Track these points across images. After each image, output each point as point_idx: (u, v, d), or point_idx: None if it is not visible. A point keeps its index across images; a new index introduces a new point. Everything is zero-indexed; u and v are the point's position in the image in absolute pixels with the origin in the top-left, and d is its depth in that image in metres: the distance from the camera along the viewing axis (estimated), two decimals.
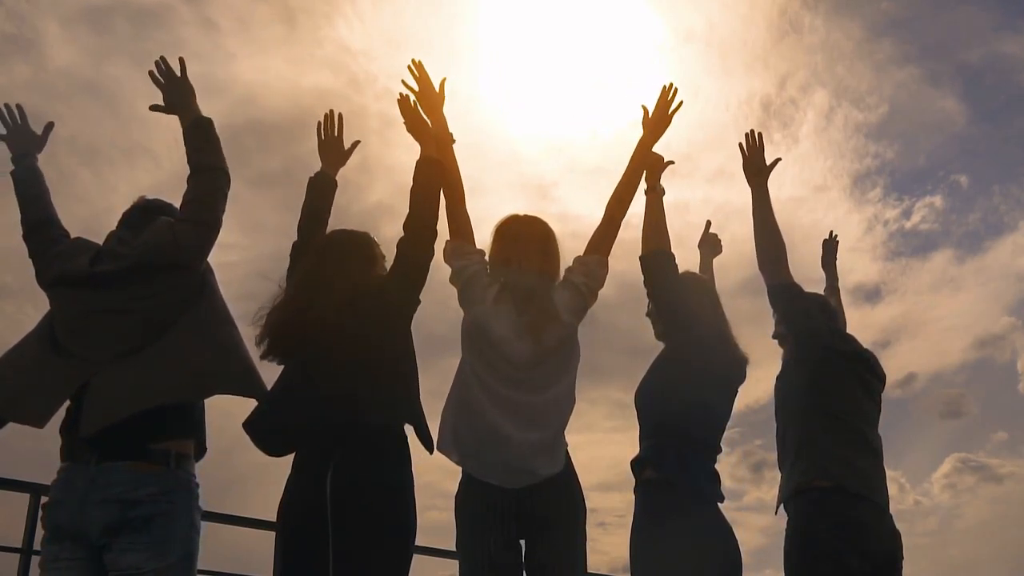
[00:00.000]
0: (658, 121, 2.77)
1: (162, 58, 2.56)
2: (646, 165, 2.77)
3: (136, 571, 2.08)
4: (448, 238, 2.56)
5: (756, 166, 3.09)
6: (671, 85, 2.80)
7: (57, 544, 2.13)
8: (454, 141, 2.63)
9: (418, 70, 2.66)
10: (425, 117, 2.64)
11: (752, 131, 3.12)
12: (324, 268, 2.41)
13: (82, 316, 2.28)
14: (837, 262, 3.85)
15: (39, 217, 2.50)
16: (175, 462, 2.20)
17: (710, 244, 3.65)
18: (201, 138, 2.48)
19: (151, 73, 2.57)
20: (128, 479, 2.12)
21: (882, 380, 3.10)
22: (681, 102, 2.79)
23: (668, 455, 2.65)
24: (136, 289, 2.28)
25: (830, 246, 3.87)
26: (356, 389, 2.26)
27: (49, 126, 2.70)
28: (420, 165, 2.53)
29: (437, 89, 2.67)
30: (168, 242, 2.33)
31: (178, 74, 2.56)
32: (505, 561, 2.31)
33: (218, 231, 2.43)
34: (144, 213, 2.49)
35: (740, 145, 3.14)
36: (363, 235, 2.53)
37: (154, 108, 2.58)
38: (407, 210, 2.44)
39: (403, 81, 2.66)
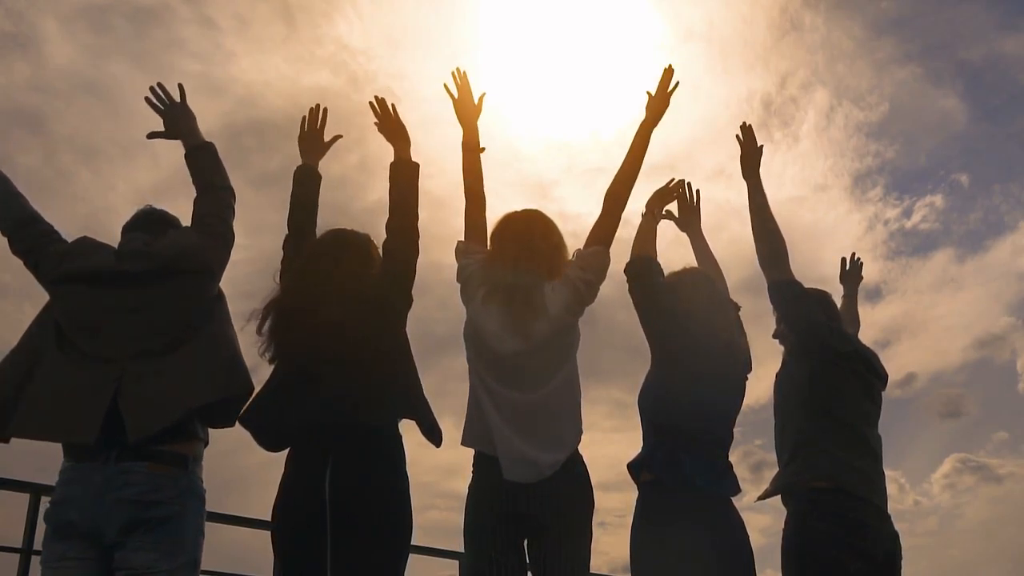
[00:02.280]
0: (660, 102, 2.78)
1: (159, 84, 2.59)
2: (644, 152, 2.75)
3: (148, 571, 2.09)
4: (464, 238, 2.63)
5: (754, 159, 3.09)
6: (671, 67, 2.82)
7: (64, 542, 2.12)
8: (483, 150, 2.71)
9: (461, 79, 2.76)
10: (403, 121, 2.68)
11: (746, 123, 3.13)
12: (323, 266, 2.42)
13: (102, 313, 2.29)
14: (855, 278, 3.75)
15: (23, 215, 2.46)
16: (191, 465, 2.22)
17: (685, 216, 3.32)
18: (207, 162, 2.55)
19: (148, 100, 2.59)
20: (147, 480, 2.13)
21: (883, 379, 3.09)
22: (678, 82, 2.81)
23: (660, 456, 2.65)
24: (163, 289, 2.31)
25: (855, 269, 3.76)
26: (354, 388, 2.27)
27: None
28: (395, 167, 2.59)
29: (476, 101, 2.76)
30: (194, 247, 2.38)
31: (177, 100, 2.59)
32: (507, 562, 2.31)
33: (233, 243, 2.50)
34: (155, 220, 2.51)
35: (737, 136, 3.14)
36: (364, 236, 2.55)
37: (153, 135, 2.61)
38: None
39: (444, 85, 2.75)
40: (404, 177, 2.56)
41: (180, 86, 2.60)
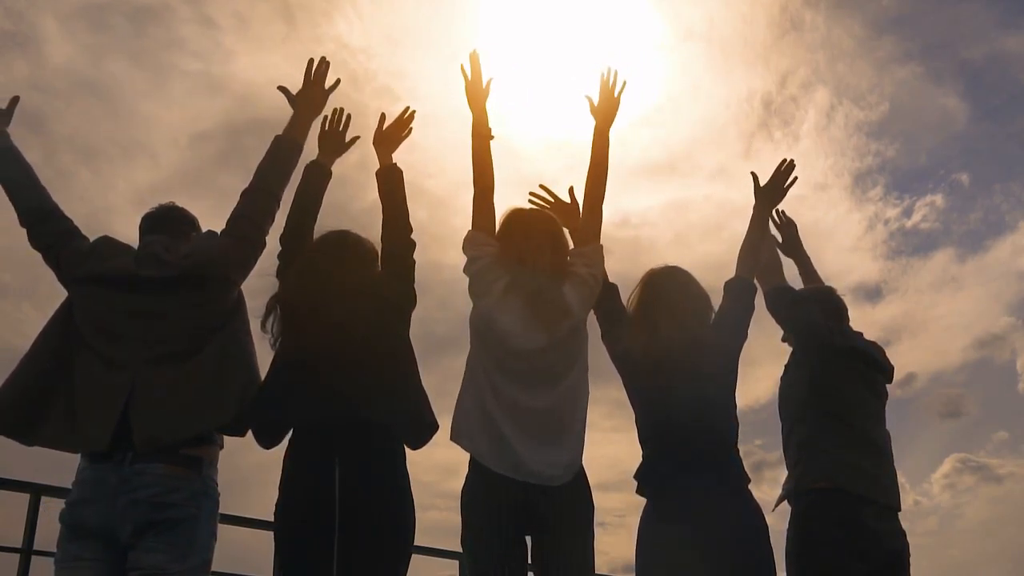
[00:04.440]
0: (607, 106, 2.79)
1: (327, 63, 2.66)
2: (607, 151, 2.76)
3: (160, 571, 2.09)
4: (470, 228, 2.58)
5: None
6: (609, 70, 2.83)
7: (78, 543, 2.12)
8: (492, 137, 2.67)
9: (474, 62, 2.75)
10: (401, 134, 2.74)
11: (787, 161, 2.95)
12: (325, 266, 2.42)
13: (120, 317, 2.29)
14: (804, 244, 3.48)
15: (44, 208, 2.44)
16: (206, 468, 2.23)
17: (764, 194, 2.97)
18: (279, 162, 2.56)
19: (311, 61, 2.64)
20: (162, 481, 2.13)
21: (886, 373, 3.08)
22: (625, 82, 2.81)
23: (643, 466, 2.64)
24: (180, 297, 2.31)
25: (787, 226, 3.45)
26: (357, 387, 2.27)
27: (14, 100, 2.59)
28: (382, 174, 2.64)
29: (484, 86, 2.75)
30: (217, 255, 2.37)
31: (326, 86, 2.65)
32: (513, 560, 2.30)
33: (262, 250, 2.48)
34: (176, 221, 2.50)
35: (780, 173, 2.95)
36: (365, 238, 2.56)
37: (283, 90, 2.65)
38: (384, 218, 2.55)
39: (461, 66, 2.75)
40: (394, 182, 2.62)
41: (338, 80, 2.67)
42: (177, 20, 11.27)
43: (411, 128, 2.77)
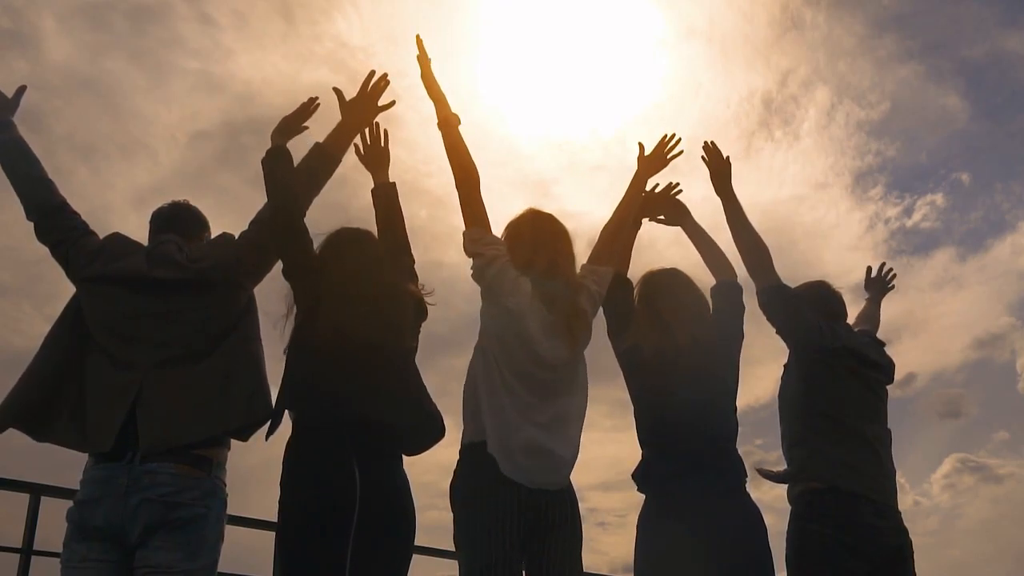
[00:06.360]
0: (654, 161, 2.85)
1: (387, 81, 2.60)
2: (639, 200, 2.84)
3: (168, 570, 2.08)
4: (466, 226, 2.50)
5: (724, 175, 3.04)
6: (673, 136, 2.88)
7: (86, 543, 2.12)
8: (459, 122, 2.59)
9: (421, 47, 2.65)
10: (385, 147, 2.71)
11: (707, 143, 3.07)
12: (341, 266, 2.40)
13: (130, 318, 2.28)
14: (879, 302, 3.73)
15: (51, 203, 2.42)
16: (215, 469, 2.22)
17: (671, 213, 3.12)
18: (316, 171, 2.51)
19: (371, 74, 2.58)
20: (172, 481, 2.13)
21: (883, 369, 3.07)
22: (681, 151, 2.87)
23: (642, 465, 2.66)
24: (191, 299, 2.30)
25: (880, 281, 3.79)
26: (372, 390, 2.28)
27: (21, 89, 2.56)
28: (378, 192, 2.64)
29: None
30: (230, 261, 2.36)
31: (378, 103, 2.60)
32: (516, 563, 2.28)
33: (278, 257, 2.43)
34: (189, 222, 2.49)
35: (703, 158, 3.06)
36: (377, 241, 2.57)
37: (337, 93, 2.58)
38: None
39: (417, 57, 2.65)
40: (390, 199, 2.64)
41: (393, 102, 2.63)
42: (176, 18, 11.28)
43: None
